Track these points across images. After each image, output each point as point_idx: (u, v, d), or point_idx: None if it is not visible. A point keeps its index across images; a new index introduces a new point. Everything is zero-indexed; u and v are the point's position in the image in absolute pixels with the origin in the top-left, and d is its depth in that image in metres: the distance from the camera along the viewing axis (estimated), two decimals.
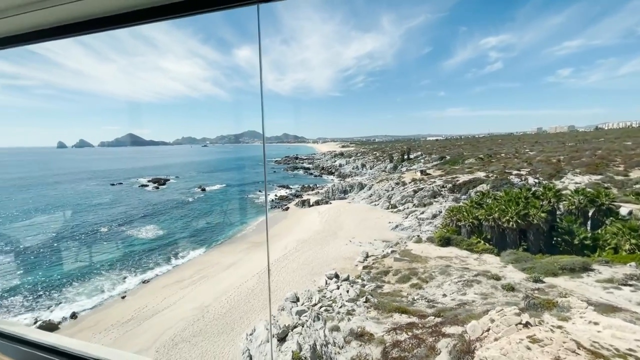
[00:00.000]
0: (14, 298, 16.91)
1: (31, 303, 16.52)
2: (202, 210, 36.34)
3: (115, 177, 65.04)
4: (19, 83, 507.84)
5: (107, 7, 1.24)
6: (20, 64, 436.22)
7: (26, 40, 1.49)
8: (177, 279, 19.36)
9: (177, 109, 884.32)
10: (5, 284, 18.36)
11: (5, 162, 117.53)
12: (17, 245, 24.27)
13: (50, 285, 18.31)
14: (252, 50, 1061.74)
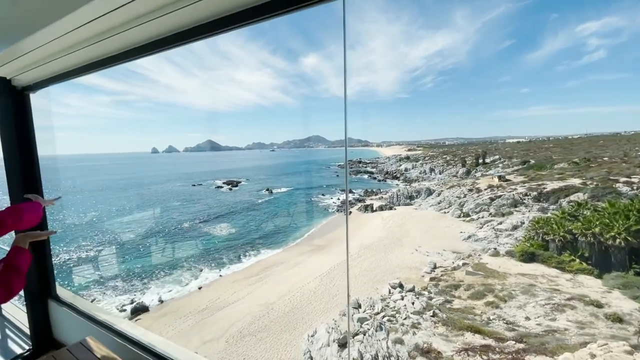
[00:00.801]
0: (116, 282, 19.89)
1: (128, 287, 19.22)
2: (269, 212, 38.32)
3: (196, 178, 72.93)
4: (125, 99, 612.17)
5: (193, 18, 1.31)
6: (126, 82, 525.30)
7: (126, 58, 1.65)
8: (245, 276, 20.57)
9: (249, 117, 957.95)
10: (110, 271, 21.76)
11: (110, 166, 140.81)
12: (119, 238, 28.68)
13: (142, 273, 21.09)
14: (318, 57, 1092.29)
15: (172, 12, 1.22)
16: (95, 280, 19.99)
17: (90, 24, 1.30)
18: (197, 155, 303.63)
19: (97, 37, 1.47)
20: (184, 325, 14.96)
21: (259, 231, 30.31)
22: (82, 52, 1.64)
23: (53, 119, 58.69)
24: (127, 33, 1.42)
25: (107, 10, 1.15)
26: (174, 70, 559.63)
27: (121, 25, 1.37)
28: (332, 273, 19.34)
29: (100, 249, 25.23)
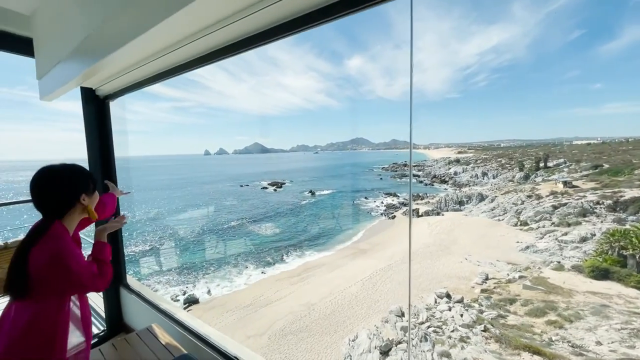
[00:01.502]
0: (171, 274, 21.55)
1: (181, 279, 20.71)
2: (312, 214, 38.81)
3: (244, 179, 76.50)
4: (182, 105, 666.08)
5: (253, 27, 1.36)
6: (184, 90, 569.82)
7: (186, 68, 1.79)
8: (288, 275, 21.02)
9: (294, 120, 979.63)
10: (166, 263, 23.65)
11: (168, 167, 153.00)
12: (175, 233, 31.06)
13: (194, 267, 22.58)
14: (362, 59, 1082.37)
15: (237, 21, 1.27)
16: (155, 271, 21.86)
17: (165, 38, 1.42)
18: (245, 157, 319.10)
19: (167, 49, 1.59)
20: (230, 319, 15.70)
21: (302, 232, 30.83)
22: (153, 63, 1.78)
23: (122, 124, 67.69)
24: (192, 44, 1.51)
25: (181, 23, 1.24)
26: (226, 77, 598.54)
27: (188, 37, 1.46)
28: (374, 278, 18.96)
29: (160, 243, 27.57)
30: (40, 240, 1.15)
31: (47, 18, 1.88)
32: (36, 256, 1.12)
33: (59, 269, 1.12)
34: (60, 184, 1.23)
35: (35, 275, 1.11)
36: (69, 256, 1.15)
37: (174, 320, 2.23)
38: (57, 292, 1.17)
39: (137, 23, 1.27)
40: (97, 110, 2.50)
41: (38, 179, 1.21)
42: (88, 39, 1.52)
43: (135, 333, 1.97)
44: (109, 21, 1.40)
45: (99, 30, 1.45)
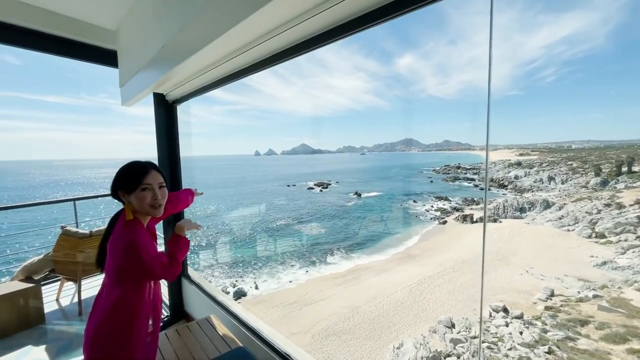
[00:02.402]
0: (222, 267, 22.88)
1: (231, 272, 21.89)
2: (358, 216, 38.48)
3: (291, 180, 78.60)
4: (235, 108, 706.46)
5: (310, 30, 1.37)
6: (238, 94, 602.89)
7: (245, 73, 1.87)
8: (332, 276, 21.07)
9: (341, 121, 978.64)
10: (219, 257, 25.18)
11: (222, 166, 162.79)
12: (228, 229, 32.96)
13: (243, 262, 23.73)
14: (414, 57, 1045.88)
15: (297, 25, 1.29)
16: (209, 264, 23.43)
17: (229, 45, 1.49)
18: (292, 157, 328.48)
19: (229, 56, 1.67)
20: (275, 315, 16.19)
21: (347, 234, 30.73)
22: (216, 69, 1.88)
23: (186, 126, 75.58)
24: (253, 50, 1.57)
25: (245, 31, 1.29)
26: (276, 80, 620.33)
27: (249, 44, 1.52)
28: (422, 285, 18.17)
29: (214, 238, 29.50)
30: (114, 230, 1.31)
31: (129, 32, 2.10)
32: (112, 245, 1.27)
33: (132, 258, 1.24)
34: (115, 178, 1.38)
35: (112, 261, 1.26)
36: (140, 246, 1.25)
37: (229, 312, 2.35)
38: (133, 278, 1.29)
39: (206, 33, 1.35)
40: (166, 114, 2.74)
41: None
42: (163, 49, 1.67)
43: (195, 322, 2.12)
44: (181, 33, 1.51)
45: (172, 41, 1.58)
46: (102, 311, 1.29)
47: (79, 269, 3.34)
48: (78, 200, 4.64)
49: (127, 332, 1.30)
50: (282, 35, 1.39)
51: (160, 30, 1.68)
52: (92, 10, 2.03)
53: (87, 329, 1.31)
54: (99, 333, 1.26)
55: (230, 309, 2.38)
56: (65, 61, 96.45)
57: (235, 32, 1.26)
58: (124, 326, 1.29)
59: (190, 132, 2.97)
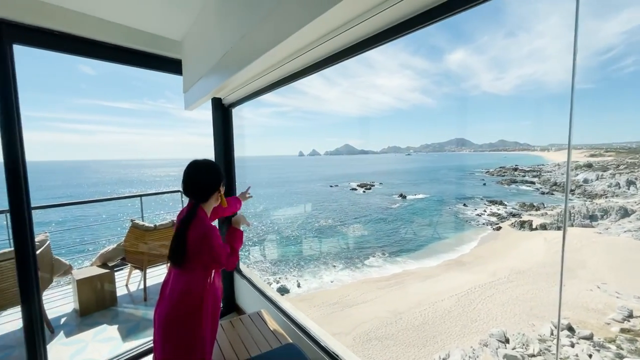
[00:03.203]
0: (267, 264, 23.70)
1: (275, 269, 22.56)
2: (402, 218, 37.40)
3: (333, 180, 78.82)
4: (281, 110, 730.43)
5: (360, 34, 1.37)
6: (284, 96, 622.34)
7: (297, 77, 1.92)
8: (375, 279, 20.72)
9: (385, 120, 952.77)
10: (265, 254, 26.13)
11: (268, 166, 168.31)
12: (274, 228, 34.07)
13: (286, 260, 24.33)
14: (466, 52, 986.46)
15: (349, 29, 1.29)
16: (255, 260, 24.43)
17: (285, 51, 1.54)
18: (335, 158, 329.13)
19: (283, 61, 1.72)
20: (316, 314, 16.33)
21: (391, 237, 30.01)
22: (270, 75, 1.96)
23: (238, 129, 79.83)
24: (306, 55, 1.59)
25: (302, 38, 1.33)
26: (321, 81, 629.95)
27: (302, 49, 1.54)
28: (472, 294, 17.06)
29: (262, 236, 30.72)
30: (193, 222, 1.43)
31: (193, 42, 2.27)
32: (192, 234, 1.40)
33: (205, 246, 1.41)
34: (212, 174, 1.55)
35: (190, 249, 1.40)
36: (213, 237, 1.43)
37: (278, 308, 2.43)
38: (203, 265, 1.46)
39: (265, 41, 1.41)
40: (222, 117, 2.91)
41: (195, 170, 1.53)
42: (224, 58, 1.78)
43: (247, 315, 2.22)
44: (242, 42, 1.60)
45: (233, 50, 1.68)
46: (170, 296, 1.45)
47: (144, 258, 3.69)
48: (144, 196, 5.15)
49: (196, 316, 1.44)
50: (336, 39, 1.39)
51: (222, 40, 1.79)
52: (161, 24, 2.23)
53: (158, 312, 1.47)
54: (170, 317, 1.42)
55: (279, 304, 2.45)
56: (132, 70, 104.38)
57: (293, 39, 1.29)
58: (192, 310, 1.44)
59: (242, 133, 3.13)
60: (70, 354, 2.65)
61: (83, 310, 3.34)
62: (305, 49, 1.53)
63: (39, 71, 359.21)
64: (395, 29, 1.23)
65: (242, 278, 3.02)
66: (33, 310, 1.96)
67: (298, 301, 17.97)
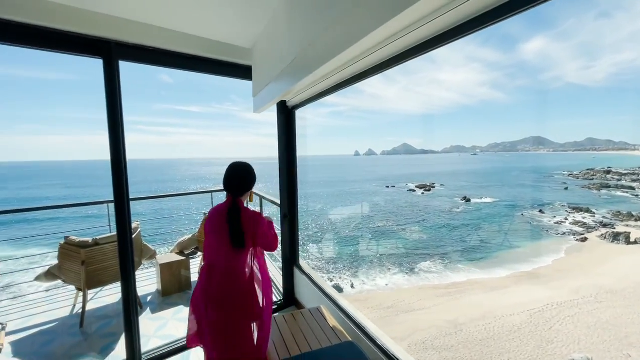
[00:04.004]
0: (321, 262, 24.08)
1: (329, 268, 22.81)
2: (466, 223, 34.88)
3: (390, 181, 76.67)
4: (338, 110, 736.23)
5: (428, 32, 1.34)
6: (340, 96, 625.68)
7: (358, 79, 1.96)
8: (433, 286, 19.68)
9: (448, 118, 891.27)
10: (319, 253, 26.59)
11: (324, 166, 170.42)
12: (330, 227, 34.51)
13: (340, 260, 24.42)
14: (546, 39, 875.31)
15: (418, 28, 1.26)
16: (312, 258, 25.03)
17: (352, 53, 1.54)
18: (392, 158, 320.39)
19: (348, 63, 1.74)
20: (370, 317, 16.02)
21: (453, 242, 28.20)
22: (333, 77, 2.01)
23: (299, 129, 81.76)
24: (371, 56, 1.60)
25: (370, 40, 1.32)
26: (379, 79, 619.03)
27: (368, 51, 1.54)
28: (548, 312, 15.16)
29: (319, 234, 31.38)
30: (241, 211, 1.72)
31: (263, 49, 2.43)
32: (245, 221, 1.70)
33: (258, 228, 1.72)
34: (250, 175, 1.84)
35: (246, 232, 1.69)
36: (262, 221, 1.76)
37: (337, 306, 2.46)
38: (256, 245, 1.76)
39: (334, 46, 1.45)
40: (286, 119, 3.06)
41: (237, 171, 1.83)
42: (293, 63, 1.87)
43: (308, 309, 2.30)
44: (310, 47, 1.66)
45: (301, 55, 1.75)
46: (227, 273, 1.71)
47: None
48: (214, 192, 5.66)
49: (250, 297, 1.71)
50: (401, 40, 1.37)
51: (291, 46, 1.88)
52: (234, 34, 2.42)
53: (218, 290, 1.70)
54: (228, 293, 1.68)
55: (338, 302, 2.49)
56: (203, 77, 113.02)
57: (362, 43, 1.30)
58: (247, 292, 1.70)
59: (303, 134, 3.24)
60: (155, 328, 3.04)
61: (164, 291, 3.79)
62: (370, 51, 1.53)
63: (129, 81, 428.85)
64: (468, 25, 1.16)
65: (302, 274, 3.13)
66: (130, 287, 2.30)
67: (352, 302, 17.84)
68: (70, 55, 2.11)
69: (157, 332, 2.96)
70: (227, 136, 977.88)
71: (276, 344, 1.91)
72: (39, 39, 1.88)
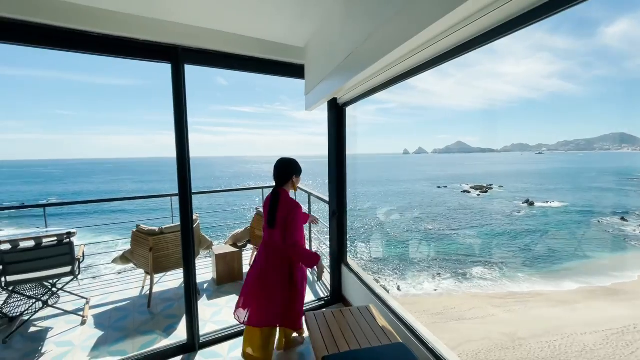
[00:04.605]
0: (367, 262, 23.76)
1: (375, 268, 22.43)
2: (528, 229, 31.83)
3: (442, 181, 72.84)
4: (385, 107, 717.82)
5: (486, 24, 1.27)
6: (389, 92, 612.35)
7: (410, 75, 1.90)
8: (488, 294, 18.31)
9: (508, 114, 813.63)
10: (365, 252, 26.29)
11: (371, 164, 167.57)
12: (373, 226, 33.92)
13: (386, 260, 23.87)
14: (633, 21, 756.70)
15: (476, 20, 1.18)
16: (354, 256, 24.89)
17: (407, 48, 1.49)
18: (445, 157, 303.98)
19: (401, 59, 1.69)
20: (419, 321, 15.46)
21: (511, 249, 25.95)
22: (385, 73, 1.96)
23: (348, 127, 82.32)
24: (424, 52, 1.55)
25: (426, 34, 1.27)
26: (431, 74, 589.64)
27: (421, 46, 1.48)
28: (630, 334, 13.17)
29: (365, 234, 31.09)
30: (279, 198, 2.13)
31: (316, 47, 2.45)
32: (282, 207, 2.09)
33: (289, 215, 2.06)
34: (288, 168, 2.21)
35: (279, 215, 2.08)
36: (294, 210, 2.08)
37: (386, 306, 2.41)
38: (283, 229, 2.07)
39: (390, 41, 1.42)
40: (336, 116, 3.05)
41: (278, 165, 2.24)
42: (347, 60, 1.86)
43: (356, 307, 2.28)
44: (365, 44, 1.64)
45: (356, 53, 1.74)
46: (266, 251, 2.18)
47: None
48: (265, 189, 5.90)
49: (282, 266, 2.13)
50: (458, 33, 1.30)
51: (345, 43, 1.88)
52: (287, 33, 2.48)
53: (257, 259, 2.21)
54: (263, 263, 2.16)
55: (388, 302, 2.43)
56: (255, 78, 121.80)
57: (418, 37, 1.25)
58: (278, 262, 2.13)
59: (352, 132, 3.21)
60: (211, 314, 3.26)
61: (219, 280, 4.05)
62: (424, 46, 1.47)
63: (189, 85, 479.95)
64: (539, 10, 1.04)
65: (350, 272, 3.12)
66: (191, 274, 2.49)
67: (400, 304, 17.39)
68: (136, 62, 2.35)
69: (213, 317, 3.17)
70: (276, 135, 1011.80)
71: (325, 338, 1.92)
72: (117, 48, 2.12)
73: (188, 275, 2.49)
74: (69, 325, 3.07)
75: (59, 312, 3.26)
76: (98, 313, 3.31)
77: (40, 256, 2.96)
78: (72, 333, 2.94)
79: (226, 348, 2.61)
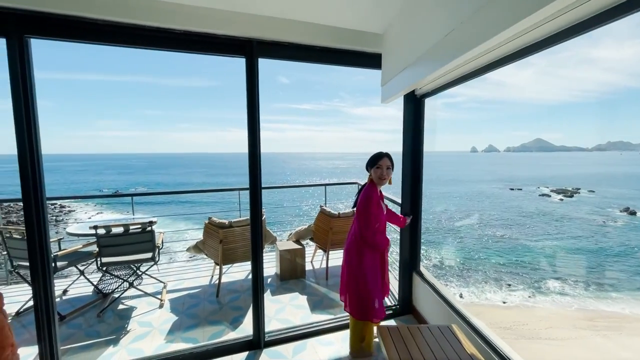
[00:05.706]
0: (430, 266, 22.47)
1: (438, 273, 21.08)
2: (626, 243, 26.99)
3: (516, 182, 65.61)
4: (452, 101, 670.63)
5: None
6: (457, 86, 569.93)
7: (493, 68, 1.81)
8: (569, 314, 15.90)
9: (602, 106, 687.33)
10: (431, 257, 24.92)
11: (434, 162, 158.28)
12: (437, 229, 31.99)
13: (449, 265, 22.26)
14: None
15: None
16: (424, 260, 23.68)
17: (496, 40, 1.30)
18: (520, 156, 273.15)
19: (486, 52, 1.59)
20: None
21: (602, 264, 22.25)
22: (467, 65, 1.88)
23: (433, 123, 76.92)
24: (510, 43, 1.50)
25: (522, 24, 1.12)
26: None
27: (508, 38, 1.40)
28: None
29: (431, 237, 29.56)
30: (365, 186, 2.30)
31: (396, 33, 2.21)
32: (360, 198, 2.24)
33: (360, 203, 2.21)
34: (368, 161, 2.33)
35: (359, 202, 2.24)
36: (371, 203, 2.18)
37: (470, 326, 2.09)
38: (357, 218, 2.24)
39: (484, 30, 1.26)
40: (414, 109, 2.77)
41: None
42: (434, 48, 1.63)
43: (437, 326, 2.00)
44: (455, 32, 1.45)
45: (446, 39, 1.53)
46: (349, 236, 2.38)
47: (328, 241, 4.10)
48: (328, 186, 5.80)
49: (350, 249, 2.29)
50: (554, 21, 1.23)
51: (431, 30, 1.66)
52: (363, 19, 2.27)
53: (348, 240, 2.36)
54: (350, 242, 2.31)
55: (471, 321, 2.12)
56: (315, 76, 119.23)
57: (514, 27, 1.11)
58: (349, 245, 2.31)
59: (435, 127, 2.89)
60: (275, 310, 3.25)
61: (282, 276, 4.05)
62: (514, 36, 1.37)
63: None
64: None
65: (423, 281, 2.82)
66: (259, 267, 2.48)
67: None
68: (207, 63, 2.39)
69: (277, 315, 3.15)
70: (334, 131, 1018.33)
71: (400, 355, 1.70)
72: (197, 44, 2.14)
73: (256, 269, 2.48)
74: (150, 306, 3.34)
75: (141, 294, 3.58)
76: (173, 298, 3.54)
77: (128, 242, 3.26)
78: (151, 314, 3.18)
79: (290, 350, 2.54)
